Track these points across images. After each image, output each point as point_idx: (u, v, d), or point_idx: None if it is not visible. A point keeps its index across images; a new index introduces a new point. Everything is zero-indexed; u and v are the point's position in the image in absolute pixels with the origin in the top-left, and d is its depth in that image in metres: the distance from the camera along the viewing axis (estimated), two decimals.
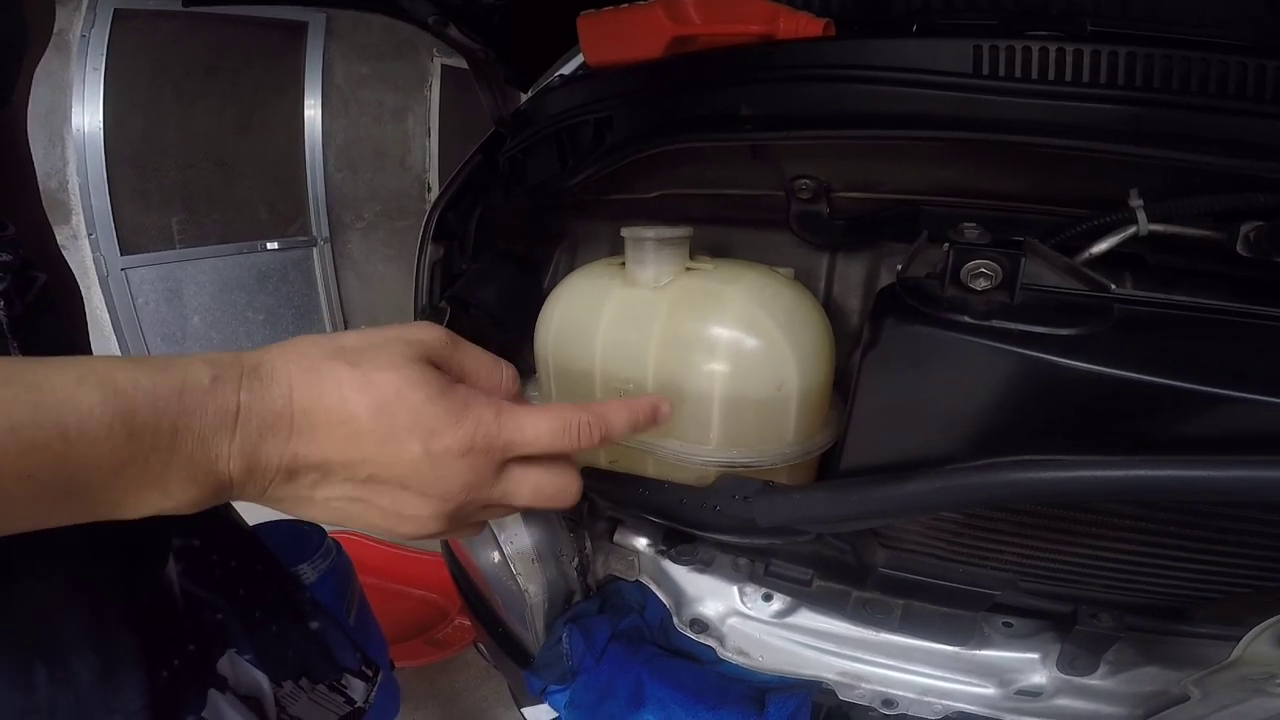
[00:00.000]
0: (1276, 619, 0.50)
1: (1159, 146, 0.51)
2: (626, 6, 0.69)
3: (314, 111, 3.06)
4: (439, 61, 3.39)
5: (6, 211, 0.47)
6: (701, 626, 0.78)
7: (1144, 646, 0.65)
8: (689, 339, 0.59)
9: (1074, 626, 0.62)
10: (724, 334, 0.58)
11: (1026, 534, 0.56)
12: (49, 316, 0.47)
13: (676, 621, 0.79)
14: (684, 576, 0.80)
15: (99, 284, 2.54)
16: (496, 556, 0.85)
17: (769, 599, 0.76)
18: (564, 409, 0.39)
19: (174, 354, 0.32)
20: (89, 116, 2.43)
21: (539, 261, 0.94)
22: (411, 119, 3.43)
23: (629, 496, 0.67)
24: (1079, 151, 0.52)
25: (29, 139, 0.62)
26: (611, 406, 0.41)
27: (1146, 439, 0.43)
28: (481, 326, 0.89)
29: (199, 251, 2.81)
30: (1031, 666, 0.68)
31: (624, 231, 0.62)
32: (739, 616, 0.77)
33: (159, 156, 2.67)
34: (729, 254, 0.76)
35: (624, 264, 0.64)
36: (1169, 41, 0.53)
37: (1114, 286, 0.46)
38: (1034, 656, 0.68)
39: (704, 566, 0.78)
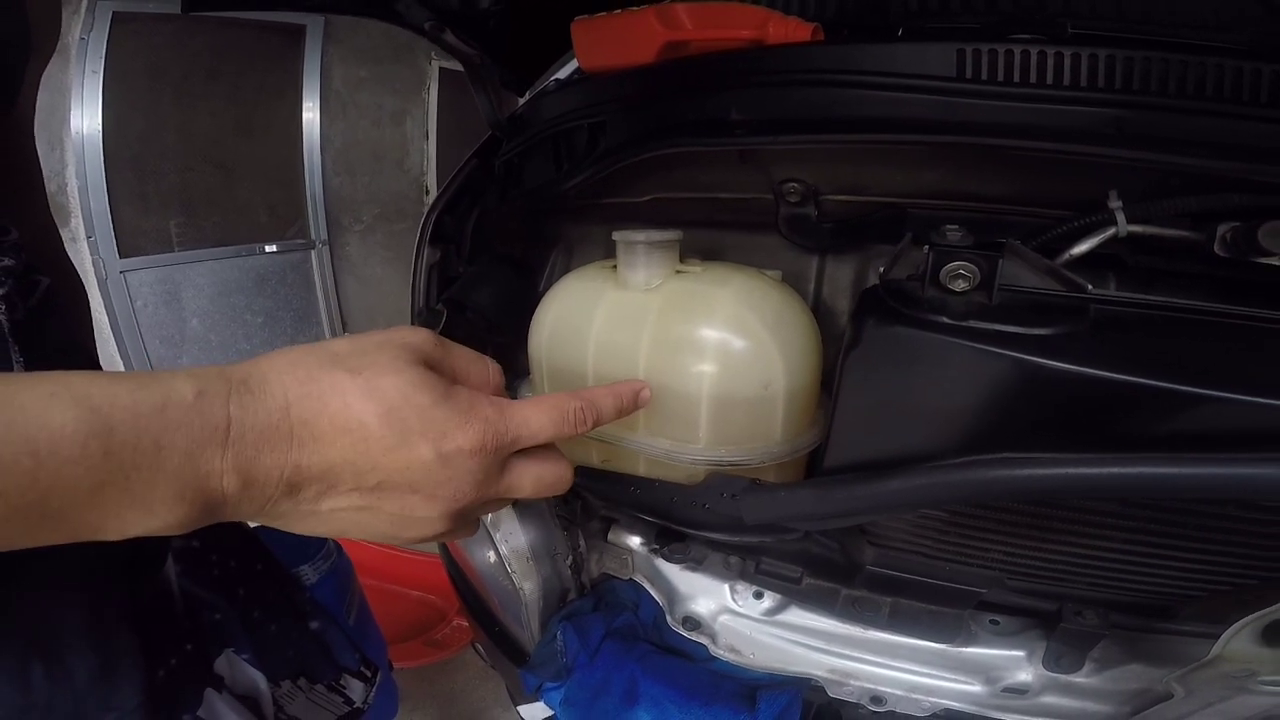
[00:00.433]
0: (1254, 616, 0.50)
1: (1138, 149, 0.51)
2: (619, 12, 0.70)
3: (312, 114, 3.07)
4: (437, 65, 3.39)
5: (12, 216, 0.47)
6: (694, 624, 0.79)
7: (1129, 644, 0.65)
8: (678, 340, 0.60)
9: (1059, 624, 0.62)
10: (712, 335, 0.59)
11: (1011, 532, 0.56)
12: (53, 320, 0.47)
13: (669, 619, 0.80)
14: (677, 574, 0.81)
15: (98, 286, 2.54)
16: (492, 556, 0.86)
17: (760, 597, 0.77)
18: (557, 398, 0.41)
19: (156, 370, 0.32)
20: (88, 119, 2.44)
21: (535, 264, 0.95)
22: (409, 122, 3.44)
23: (621, 495, 0.68)
24: (1059, 155, 0.52)
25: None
26: (598, 392, 0.44)
27: (1123, 437, 0.43)
28: (478, 329, 0.90)
29: (198, 254, 2.81)
30: (1018, 664, 0.68)
31: (615, 235, 0.63)
32: (730, 614, 0.78)
33: (158, 159, 2.67)
34: (720, 257, 0.77)
35: (616, 267, 0.65)
36: (1149, 44, 0.54)
37: (1090, 287, 0.47)
38: (1020, 654, 0.68)
39: (696, 565, 0.79)
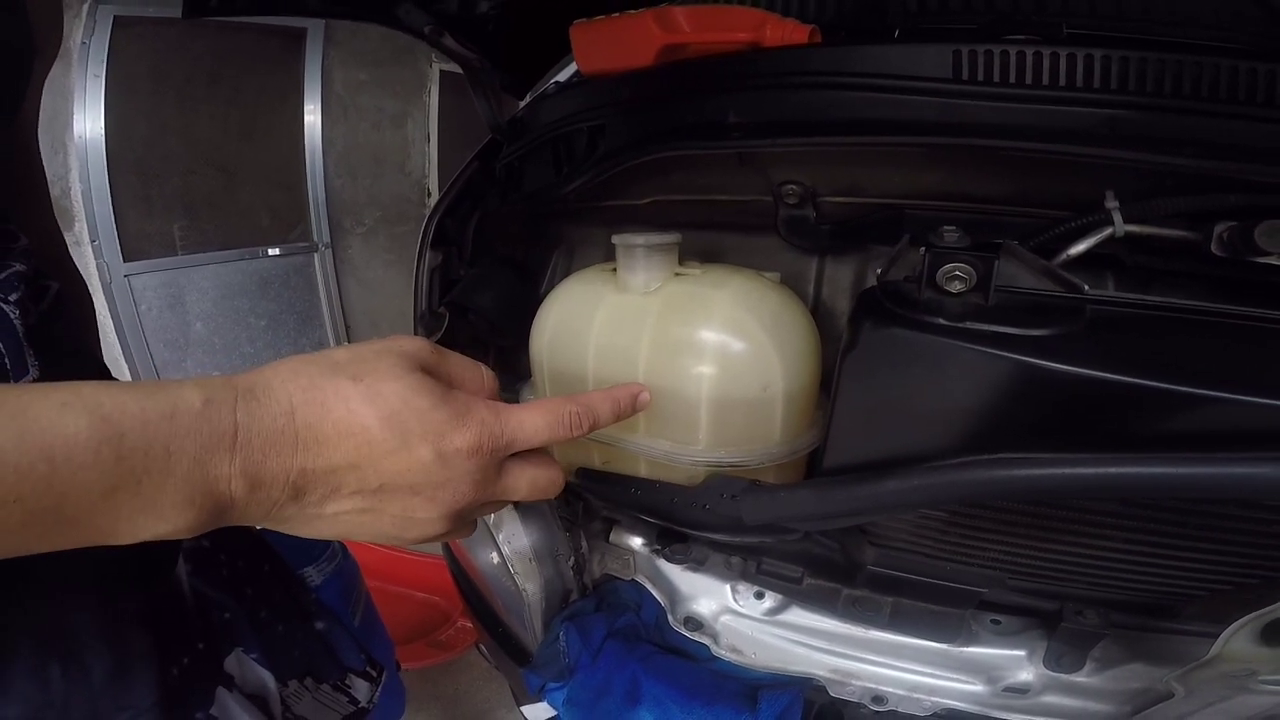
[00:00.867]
0: (1253, 615, 0.50)
1: (1134, 149, 0.51)
2: (618, 15, 0.70)
3: (314, 118, 3.07)
4: (438, 67, 3.39)
5: (19, 221, 0.47)
6: (695, 624, 0.79)
7: (1130, 643, 0.65)
8: (678, 342, 0.60)
9: (1060, 624, 0.63)
10: (711, 337, 0.59)
11: (1012, 532, 0.56)
12: (63, 324, 0.48)
13: (671, 619, 0.80)
14: (678, 575, 0.81)
15: (102, 290, 2.55)
16: (495, 557, 0.86)
17: (761, 597, 0.77)
18: (553, 402, 0.42)
19: (163, 380, 0.33)
20: (90, 123, 2.44)
21: (536, 266, 0.95)
22: (411, 125, 3.44)
23: (622, 496, 0.68)
24: (1056, 155, 0.53)
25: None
26: (596, 396, 0.44)
27: (1120, 437, 0.43)
28: (480, 331, 0.90)
29: (201, 258, 2.81)
30: (1019, 663, 0.69)
31: (615, 239, 0.63)
32: (732, 614, 0.78)
33: (161, 163, 2.67)
34: (719, 258, 0.77)
35: (616, 270, 0.66)
36: (1144, 44, 0.54)
37: (1087, 288, 0.47)
38: (1021, 654, 0.68)
39: (697, 565, 0.79)
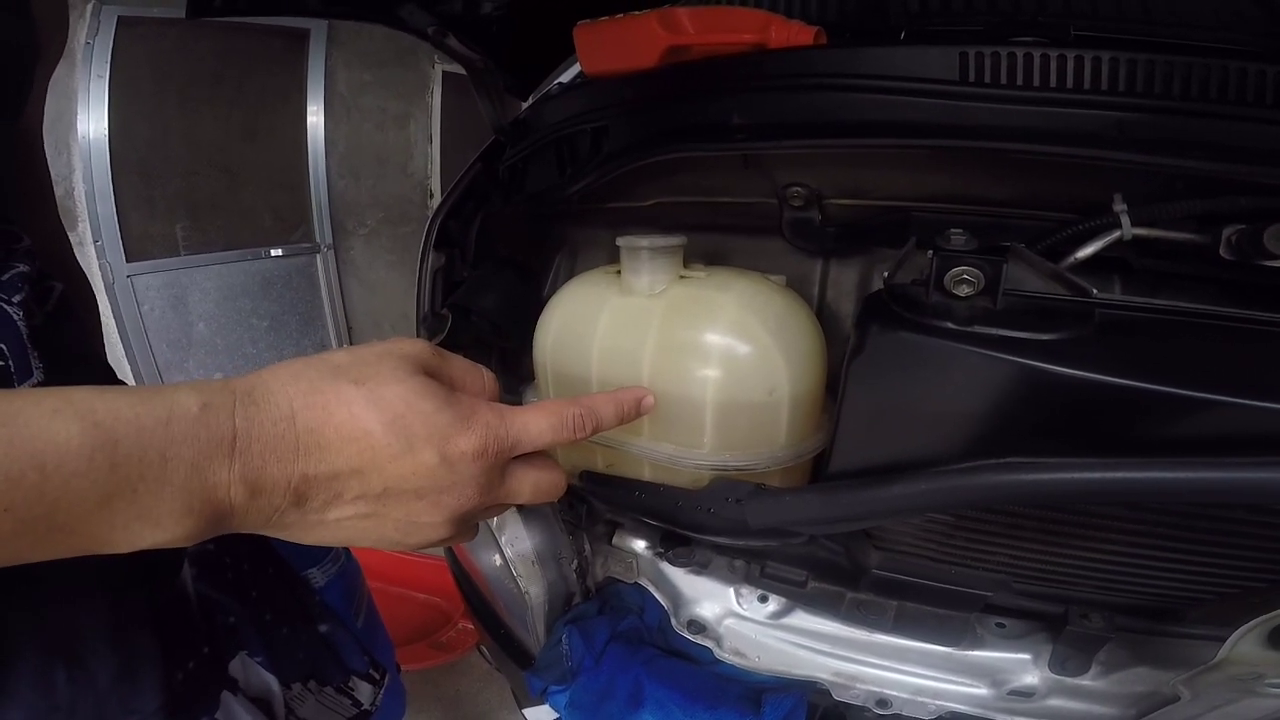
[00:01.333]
0: (1261, 619, 0.50)
1: (1142, 152, 0.51)
2: (622, 16, 0.70)
3: (316, 118, 3.07)
4: (440, 68, 3.40)
5: (22, 222, 0.47)
6: (699, 628, 0.79)
7: (1135, 647, 0.65)
8: (683, 345, 0.60)
9: (1065, 627, 0.62)
10: (716, 340, 0.59)
11: (1017, 535, 0.56)
12: (68, 325, 0.48)
13: (674, 623, 0.80)
14: (681, 578, 0.81)
15: (105, 291, 2.55)
16: (498, 560, 0.86)
17: (765, 600, 0.77)
18: (556, 404, 0.41)
19: (159, 385, 0.32)
20: (94, 124, 2.45)
21: (539, 268, 0.95)
22: (413, 125, 3.44)
23: (626, 500, 0.68)
24: (1063, 158, 0.52)
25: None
26: (599, 399, 0.44)
27: (1128, 442, 0.43)
28: (482, 333, 0.90)
29: (204, 258, 2.82)
30: (1024, 667, 0.68)
31: (619, 241, 0.63)
32: (735, 618, 0.78)
33: (164, 164, 2.68)
34: (724, 261, 0.77)
35: (620, 272, 0.65)
36: (1152, 46, 0.54)
37: (1095, 291, 0.47)
38: (1026, 657, 0.68)
39: (701, 568, 0.79)
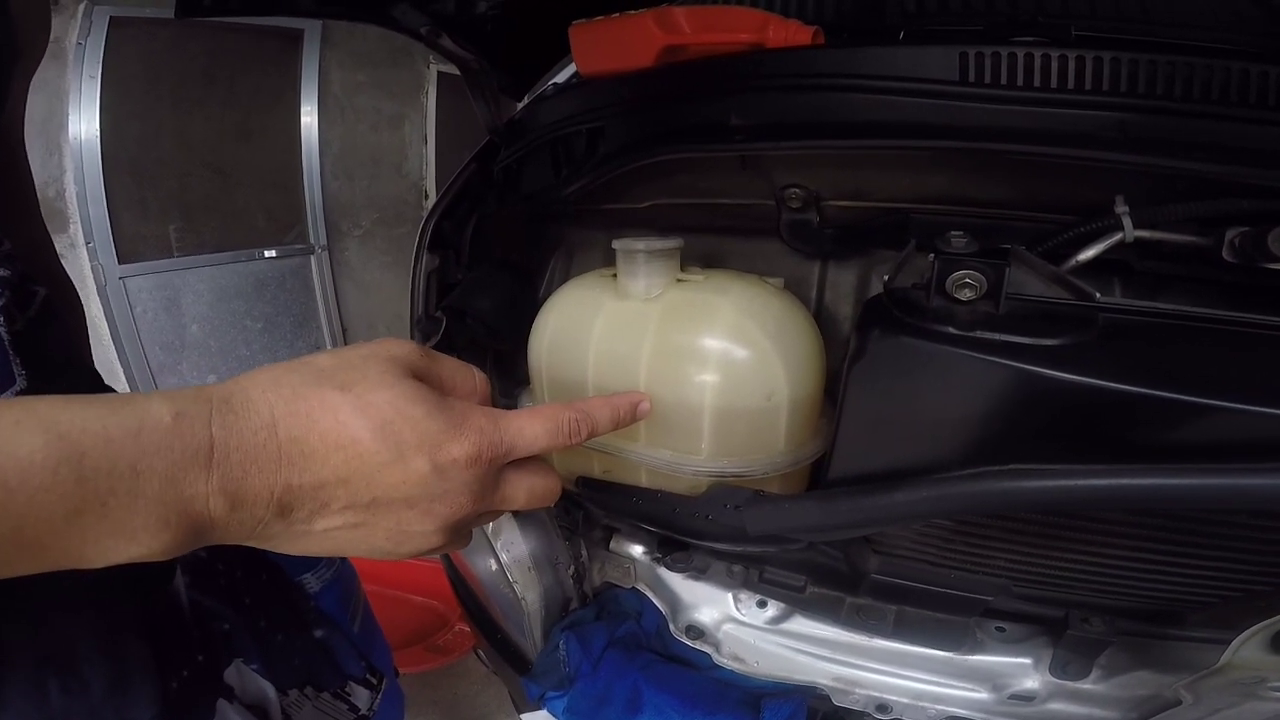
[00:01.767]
0: (1264, 624, 0.50)
1: (1144, 153, 0.51)
2: (617, 16, 0.69)
3: (310, 119, 3.06)
4: (435, 69, 3.38)
5: (3, 226, 0.46)
6: (697, 633, 0.79)
7: (1136, 651, 0.64)
8: (680, 350, 0.59)
9: (1066, 631, 0.62)
10: (714, 345, 0.58)
11: (1017, 540, 0.56)
12: (52, 330, 0.47)
13: (672, 628, 0.79)
14: (679, 583, 0.80)
15: (97, 293, 2.53)
16: (493, 565, 0.86)
17: (763, 605, 0.76)
18: (551, 409, 0.40)
19: (131, 393, 0.30)
20: (85, 124, 2.43)
21: (534, 270, 0.94)
22: (408, 126, 3.43)
23: (623, 505, 0.68)
24: (1064, 160, 0.52)
25: (26, 149, 0.61)
26: (594, 403, 0.43)
27: (1131, 448, 0.43)
28: (477, 335, 0.89)
29: (197, 260, 2.80)
30: (1024, 671, 0.68)
31: (615, 244, 0.62)
32: (734, 623, 0.78)
33: (156, 164, 2.66)
34: (721, 263, 0.77)
35: (616, 275, 0.65)
36: (1153, 46, 0.53)
37: (1098, 295, 0.46)
38: (1027, 661, 0.68)
39: (699, 574, 0.78)
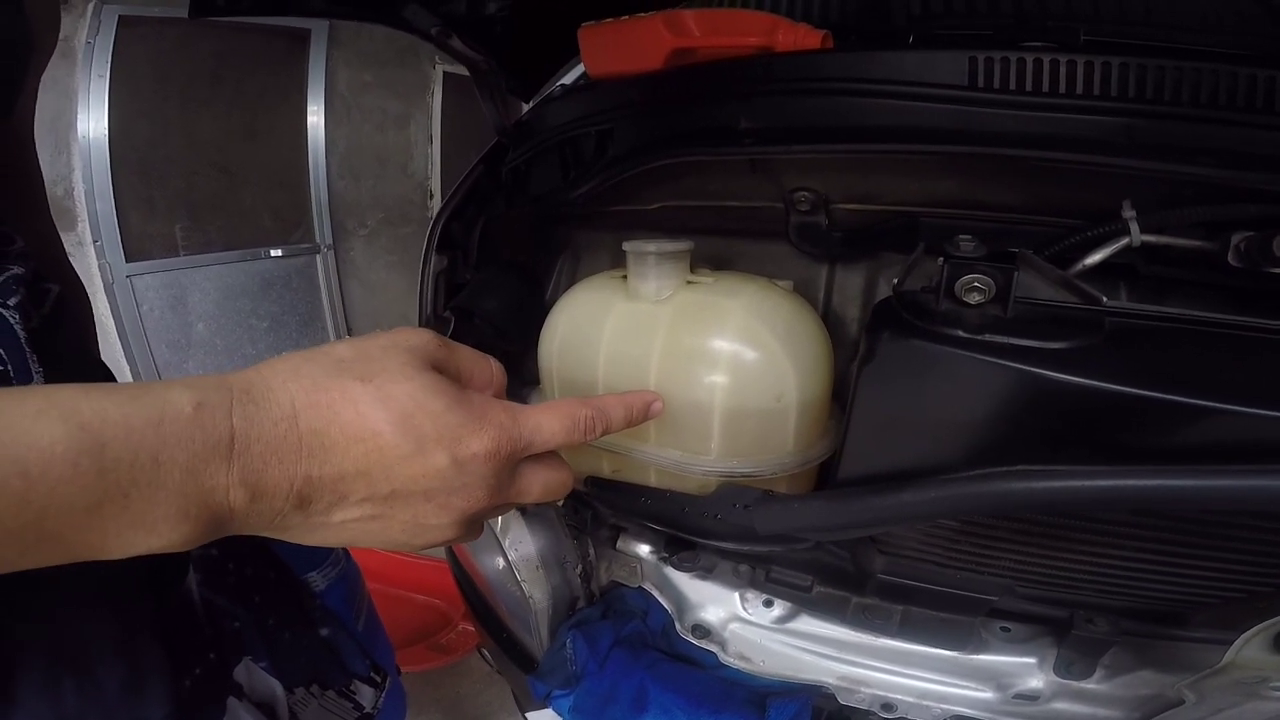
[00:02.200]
0: (1267, 623, 0.50)
1: (1151, 158, 0.51)
2: (627, 18, 0.70)
3: (317, 118, 3.07)
4: (441, 69, 3.40)
5: (14, 223, 0.46)
6: (703, 632, 0.79)
7: (1140, 651, 0.65)
8: (690, 352, 0.60)
9: (1070, 631, 0.62)
10: (724, 347, 0.59)
11: (1022, 541, 0.56)
12: (65, 327, 0.47)
13: (679, 627, 0.80)
14: (686, 583, 0.81)
15: (104, 291, 2.55)
16: (501, 563, 0.86)
17: (770, 605, 0.77)
18: (568, 404, 0.41)
19: (150, 382, 0.29)
20: (94, 123, 2.45)
21: (542, 271, 0.95)
22: (414, 126, 3.44)
23: (632, 505, 0.68)
24: (1072, 164, 0.52)
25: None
26: (609, 401, 0.43)
27: (1138, 450, 0.43)
28: (485, 336, 0.90)
29: (203, 259, 2.82)
30: (1029, 671, 0.68)
31: (626, 246, 0.63)
32: (740, 622, 0.78)
33: (163, 163, 2.68)
34: (730, 266, 0.77)
35: (626, 277, 0.65)
36: (1161, 51, 0.54)
37: (1106, 299, 0.46)
38: (1031, 661, 0.68)
39: (705, 573, 0.79)
